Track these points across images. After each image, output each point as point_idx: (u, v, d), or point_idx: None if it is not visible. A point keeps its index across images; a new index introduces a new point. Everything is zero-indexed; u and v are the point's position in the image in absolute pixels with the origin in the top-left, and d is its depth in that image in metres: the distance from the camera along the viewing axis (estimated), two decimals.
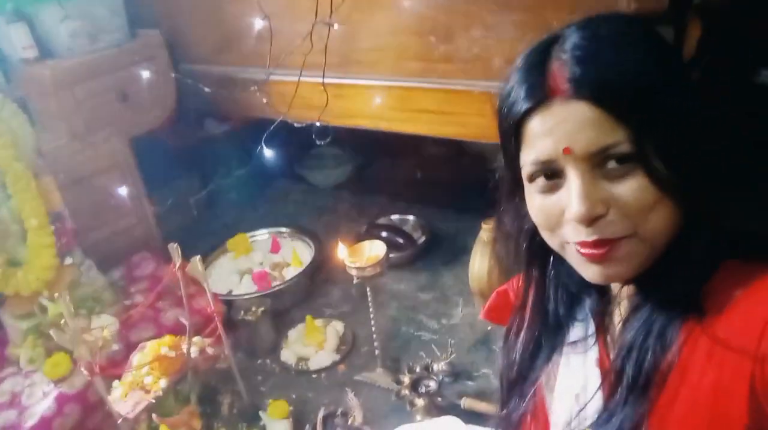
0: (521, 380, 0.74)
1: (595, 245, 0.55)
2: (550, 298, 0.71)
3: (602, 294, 0.68)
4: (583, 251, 0.57)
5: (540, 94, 0.55)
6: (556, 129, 0.55)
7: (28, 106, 1.57)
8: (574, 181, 0.55)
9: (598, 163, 0.54)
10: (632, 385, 0.58)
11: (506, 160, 0.63)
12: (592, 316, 0.68)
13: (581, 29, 0.56)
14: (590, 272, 0.58)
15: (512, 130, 0.59)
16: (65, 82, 1.60)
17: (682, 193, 0.55)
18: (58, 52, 1.66)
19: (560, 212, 0.57)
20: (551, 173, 0.57)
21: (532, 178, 0.59)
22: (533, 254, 0.70)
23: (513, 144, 0.60)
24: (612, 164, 0.54)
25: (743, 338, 0.52)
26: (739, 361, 0.52)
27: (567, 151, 0.54)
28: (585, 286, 0.68)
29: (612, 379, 0.61)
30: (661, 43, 0.57)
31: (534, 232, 0.65)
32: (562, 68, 0.54)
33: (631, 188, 0.54)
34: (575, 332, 0.69)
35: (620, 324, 0.63)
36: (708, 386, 0.54)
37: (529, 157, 0.58)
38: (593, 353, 0.66)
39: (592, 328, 0.68)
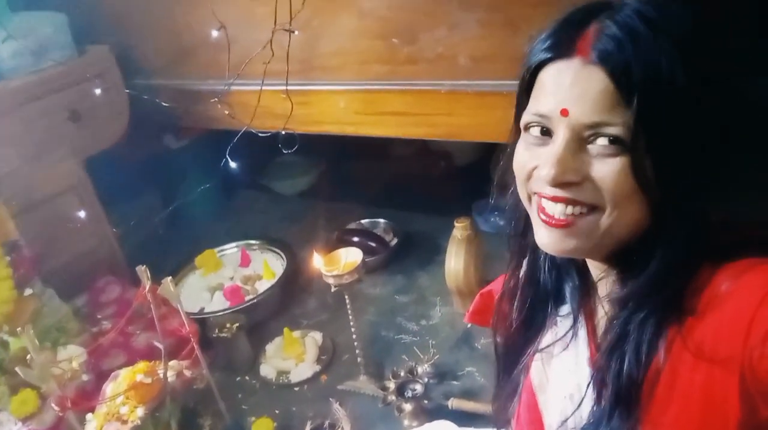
0: (513, 359, 0.74)
1: (555, 200, 0.56)
2: (540, 268, 0.71)
3: (583, 279, 0.68)
4: (543, 215, 0.58)
5: (565, 49, 0.56)
6: (564, 89, 0.55)
7: None
8: (557, 143, 0.56)
9: (588, 137, 0.55)
10: (616, 396, 0.58)
11: (517, 111, 0.63)
12: (578, 304, 0.68)
13: (639, 5, 0.55)
14: (543, 236, 0.60)
15: (528, 75, 0.60)
16: (12, 104, 1.53)
17: (659, 195, 0.55)
18: (2, 73, 1.58)
19: (535, 166, 0.58)
20: (546, 130, 0.58)
21: (527, 127, 0.60)
22: (529, 221, 0.70)
23: (526, 91, 0.60)
24: (602, 141, 0.54)
25: (730, 333, 0.53)
26: (728, 356, 0.52)
27: (564, 113, 0.55)
28: (569, 263, 0.69)
29: (598, 384, 0.61)
30: (706, 51, 0.56)
31: None
32: (597, 33, 0.54)
33: (611, 170, 0.54)
34: (563, 328, 0.69)
35: (604, 325, 0.64)
36: (698, 386, 0.54)
37: (531, 107, 0.59)
38: (585, 351, 0.66)
39: (580, 322, 0.68)
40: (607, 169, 0.54)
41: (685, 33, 0.55)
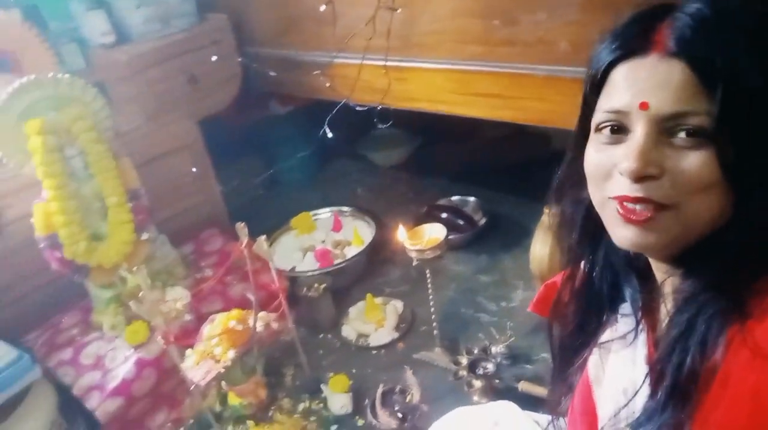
0: (568, 358, 0.75)
1: (636, 201, 0.55)
2: (596, 275, 0.71)
3: (645, 283, 0.67)
4: (621, 210, 0.56)
5: (638, 45, 0.55)
6: (640, 82, 0.54)
7: (106, 89, 1.66)
8: (637, 136, 0.54)
9: (669, 129, 0.53)
10: (672, 388, 0.57)
11: (583, 109, 0.63)
12: (639, 309, 0.67)
13: (706, 1, 0.54)
14: (621, 234, 0.58)
15: (598, 75, 0.58)
16: (139, 66, 1.68)
17: (742, 186, 0.53)
18: (133, 37, 1.74)
19: (612, 165, 0.57)
20: (619, 127, 0.57)
21: (599, 128, 0.59)
22: (588, 226, 0.69)
23: (595, 90, 0.60)
24: (682, 135, 0.53)
25: None
26: None
27: (644, 105, 0.54)
28: (629, 270, 0.68)
29: (655, 378, 0.61)
30: None
31: (590, 203, 0.64)
32: (672, 25, 0.53)
33: (693, 162, 0.53)
34: (623, 326, 0.69)
35: (666, 322, 0.63)
36: (750, 385, 0.53)
37: (604, 105, 0.58)
38: (642, 349, 0.66)
39: (639, 320, 0.67)
40: (690, 161, 0.53)
41: (758, 19, 0.53)
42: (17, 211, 1.47)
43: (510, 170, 2.10)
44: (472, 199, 2.01)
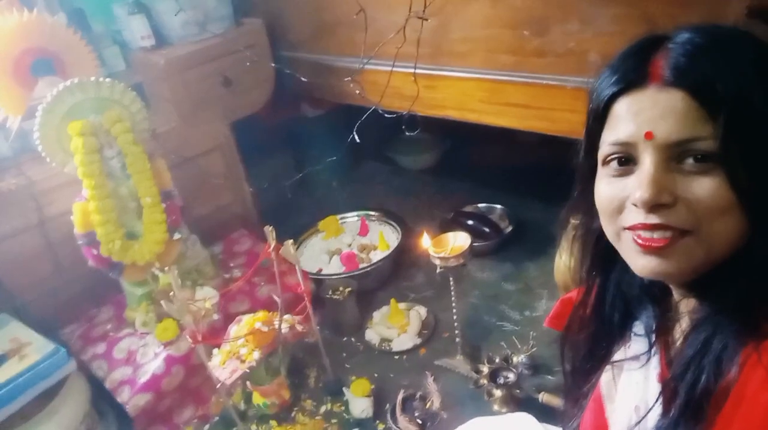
0: (579, 381, 0.75)
1: (654, 228, 0.55)
2: (608, 302, 0.71)
3: (660, 306, 0.67)
4: (639, 240, 0.56)
5: (636, 77, 0.56)
6: (643, 113, 0.55)
7: (143, 91, 1.72)
8: (647, 166, 0.55)
9: (677, 156, 0.54)
10: (685, 406, 0.57)
11: (587, 143, 0.63)
12: (653, 330, 0.67)
13: (695, 29, 0.56)
14: (641, 263, 0.58)
15: (600, 110, 0.59)
16: (176, 69, 1.72)
17: (758, 206, 0.53)
18: (171, 41, 1.79)
19: (624, 197, 0.57)
20: (626, 158, 0.57)
21: (606, 161, 0.59)
22: (598, 254, 0.70)
23: (597, 124, 0.60)
24: (690, 161, 0.53)
25: None
26: None
27: (649, 135, 0.54)
28: (643, 297, 0.68)
29: (668, 396, 0.61)
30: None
31: (602, 231, 0.64)
32: (667, 56, 0.54)
33: (705, 187, 0.53)
34: (636, 346, 0.69)
35: (680, 341, 0.63)
36: (762, 409, 0.52)
37: (609, 138, 0.58)
38: (655, 367, 0.66)
39: (652, 341, 0.67)
40: (701, 187, 0.53)
41: (750, 45, 0.55)
42: (58, 207, 1.53)
43: (539, 177, 2.07)
44: (498, 206, 2.01)
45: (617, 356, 0.70)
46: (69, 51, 1.58)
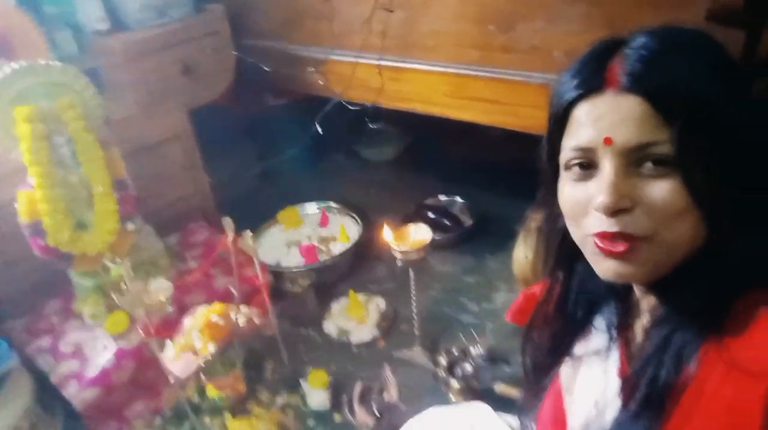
0: (540, 375, 0.76)
1: (614, 237, 0.56)
2: (571, 300, 0.72)
3: (623, 303, 0.69)
4: (601, 244, 0.57)
5: (594, 83, 0.56)
6: (602, 119, 0.55)
7: (98, 76, 1.65)
8: (606, 171, 0.55)
9: (635, 160, 0.55)
10: (645, 400, 0.59)
11: (549, 147, 0.64)
12: (615, 326, 0.69)
13: (652, 33, 0.56)
14: (604, 267, 0.59)
15: (560, 115, 0.60)
16: (134, 55, 1.67)
17: (714, 208, 0.54)
18: (128, 25, 1.73)
19: (587, 202, 0.58)
20: (587, 163, 0.58)
21: (568, 166, 0.60)
22: (563, 253, 0.71)
23: (558, 129, 0.61)
24: (648, 165, 0.54)
25: (760, 359, 0.52)
26: (756, 381, 0.52)
27: (608, 141, 0.55)
28: (606, 294, 0.69)
29: (628, 391, 0.62)
30: (730, 62, 0.57)
31: (566, 231, 0.65)
32: (623, 61, 0.55)
33: (662, 190, 0.54)
34: (597, 340, 0.70)
35: (641, 337, 0.64)
36: (722, 406, 0.54)
37: (569, 143, 0.59)
38: (615, 362, 0.67)
39: (613, 337, 0.69)
40: (659, 190, 0.54)
41: (707, 47, 0.56)
42: (2, 196, 1.46)
43: (500, 171, 2.10)
44: (459, 200, 2.03)
45: (578, 349, 0.71)
46: (17, 33, 1.50)
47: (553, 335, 0.74)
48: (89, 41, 1.74)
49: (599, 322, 0.70)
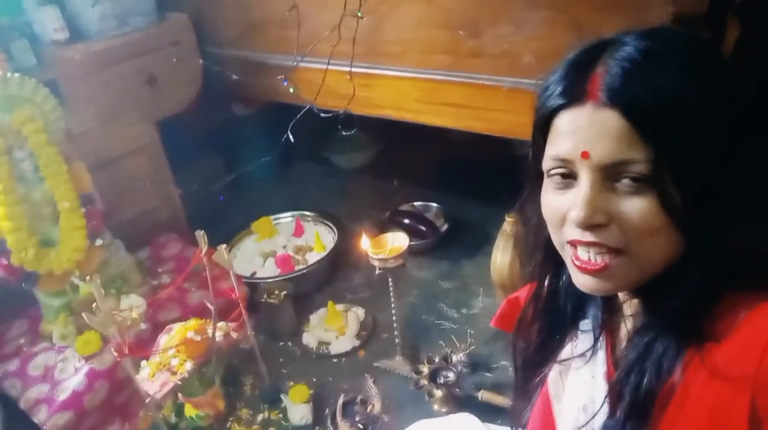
0: (530, 373, 0.76)
1: (589, 245, 0.57)
2: (561, 295, 0.72)
3: (608, 305, 0.69)
4: (577, 262, 0.58)
5: (576, 94, 0.56)
6: (580, 132, 0.55)
7: (58, 88, 1.60)
8: (583, 185, 0.55)
9: (612, 176, 0.54)
10: (631, 408, 0.59)
11: (533, 151, 0.64)
12: (599, 327, 0.69)
13: (638, 40, 0.55)
14: (580, 281, 0.60)
15: (543, 122, 0.60)
16: (94, 65, 1.62)
17: (691, 225, 0.54)
18: (88, 35, 1.68)
19: (565, 212, 0.58)
20: (567, 173, 0.58)
21: (549, 173, 0.60)
22: (551, 250, 0.71)
23: (541, 136, 0.61)
24: (626, 181, 0.54)
25: (742, 363, 0.53)
26: (741, 376, 0.53)
27: (584, 155, 0.55)
28: (592, 295, 0.70)
29: (614, 397, 0.62)
30: (715, 70, 0.55)
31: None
32: (604, 75, 0.54)
33: (637, 208, 0.54)
34: (583, 343, 0.70)
35: (625, 343, 0.64)
36: (707, 405, 0.54)
37: (550, 152, 0.59)
38: (602, 366, 0.67)
39: (600, 341, 0.69)
40: (634, 207, 0.54)
41: (690, 57, 0.54)
42: None
43: (473, 175, 2.12)
44: (434, 205, 2.02)
45: (565, 353, 0.71)
46: None
47: (543, 329, 0.74)
48: (48, 52, 1.68)
49: (585, 324, 0.70)
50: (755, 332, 0.53)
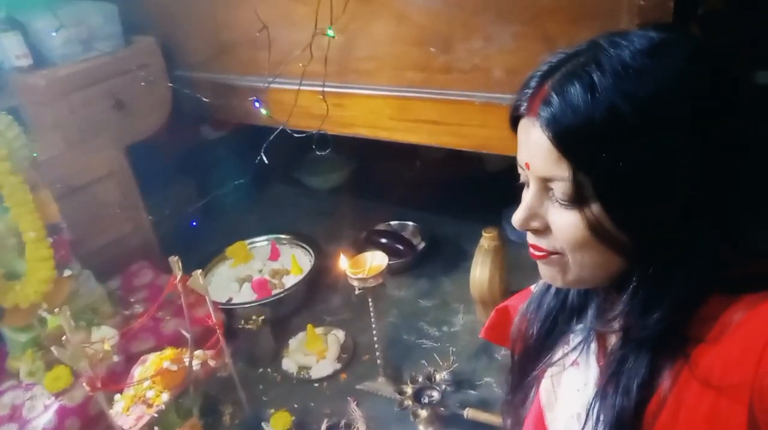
0: (527, 368, 0.76)
1: (530, 246, 0.62)
2: (561, 295, 0.73)
3: (601, 310, 0.68)
4: (530, 248, 0.63)
5: (525, 107, 0.58)
6: (525, 143, 0.59)
7: (21, 115, 1.55)
8: (529, 191, 0.60)
9: (549, 188, 0.58)
10: (617, 421, 0.59)
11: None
12: (591, 330, 0.69)
13: (596, 53, 0.54)
14: (540, 269, 0.64)
15: (513, 129, 0.63)
16: (59, 91, 1.58)
17: (615, 243, 0.56)
18: (52, 60, 1.64)
19: None
20: (525, 177, 0.62)
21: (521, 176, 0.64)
22: None
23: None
24: (558, 194, 0.57)
25: (741, 361, 0.53)
26: (738, 384, 0.52)
27: (527, 166, 0.59)
28: (588, 296, 0.71)
29: (598, 411, 0.62)
30: (660, 91, 0.52)
31: None
32: (544, 92, 0.55)
33: (565, 222, 0.57)
34: (574, 341, 0.70)
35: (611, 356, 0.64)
36: (703, 414, 0.54)
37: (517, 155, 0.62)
38: (594, 371, 0.66)
39: (592, 347, 0.68)
40: (562, 220, 0.57)
41: (627, 81, 0.51)
42: None
43: (447, 191, 2.12)
44: (410, 223, 2.02)
45: (557, 356, 0.71)
46: None
47: (549, 316, 0.74)
48: (11, 79, 1.63)
49: (579, 326, 0.70)
50: (751, 334, 0.53)
